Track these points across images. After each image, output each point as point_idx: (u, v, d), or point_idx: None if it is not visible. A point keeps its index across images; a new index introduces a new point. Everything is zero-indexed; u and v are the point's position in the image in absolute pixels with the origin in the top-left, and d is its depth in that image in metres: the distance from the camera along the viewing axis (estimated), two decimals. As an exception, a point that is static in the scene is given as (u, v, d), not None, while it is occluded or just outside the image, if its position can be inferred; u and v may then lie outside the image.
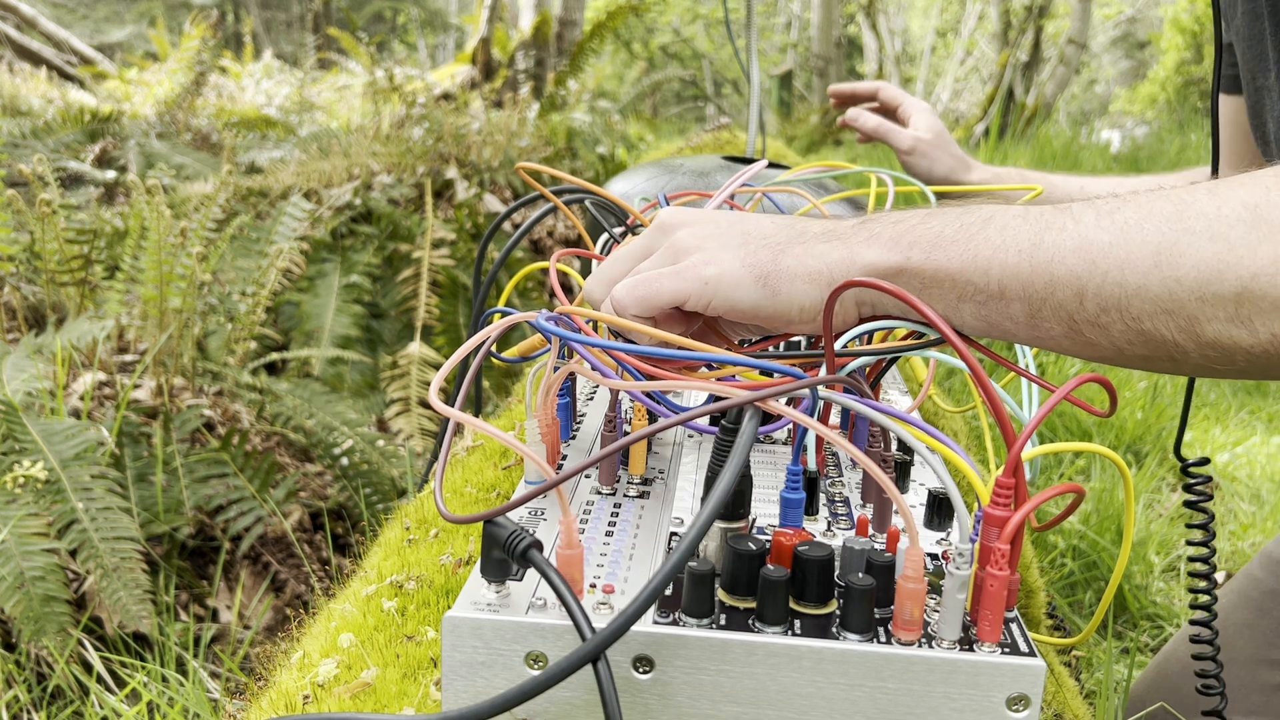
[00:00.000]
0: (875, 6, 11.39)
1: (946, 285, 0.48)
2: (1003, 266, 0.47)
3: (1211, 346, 0.45)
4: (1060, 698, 0.74)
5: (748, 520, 0.46)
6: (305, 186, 2.68)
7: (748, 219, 0.54)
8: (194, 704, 1.09)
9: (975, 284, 0.47)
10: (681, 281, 0.50)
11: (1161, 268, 0.44)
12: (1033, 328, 0.48)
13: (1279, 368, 0.45)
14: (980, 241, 0.47)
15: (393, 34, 12.77)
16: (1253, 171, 0.46)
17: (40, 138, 2.94)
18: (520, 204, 0.89)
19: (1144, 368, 0.48)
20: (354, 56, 4.88)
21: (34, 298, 1.94)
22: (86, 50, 5.29)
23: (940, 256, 0.48)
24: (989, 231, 0.48)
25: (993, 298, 0.47)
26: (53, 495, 1.30)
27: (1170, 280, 0.44)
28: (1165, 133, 6.27)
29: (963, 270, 0.47)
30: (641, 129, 5.63)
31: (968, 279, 0.47)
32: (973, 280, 0.47)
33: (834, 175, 0.93)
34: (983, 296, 0.47)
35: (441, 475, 0.47)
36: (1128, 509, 0.47)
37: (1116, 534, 1.68)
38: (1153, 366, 0.48)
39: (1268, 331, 0.43)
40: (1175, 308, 0.44)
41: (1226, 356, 0.45)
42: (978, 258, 0.47)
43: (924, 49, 14.82)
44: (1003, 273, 0.47)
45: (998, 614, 0.39)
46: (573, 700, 0.39)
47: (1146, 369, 0.48)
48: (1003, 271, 0.47)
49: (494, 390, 2.28)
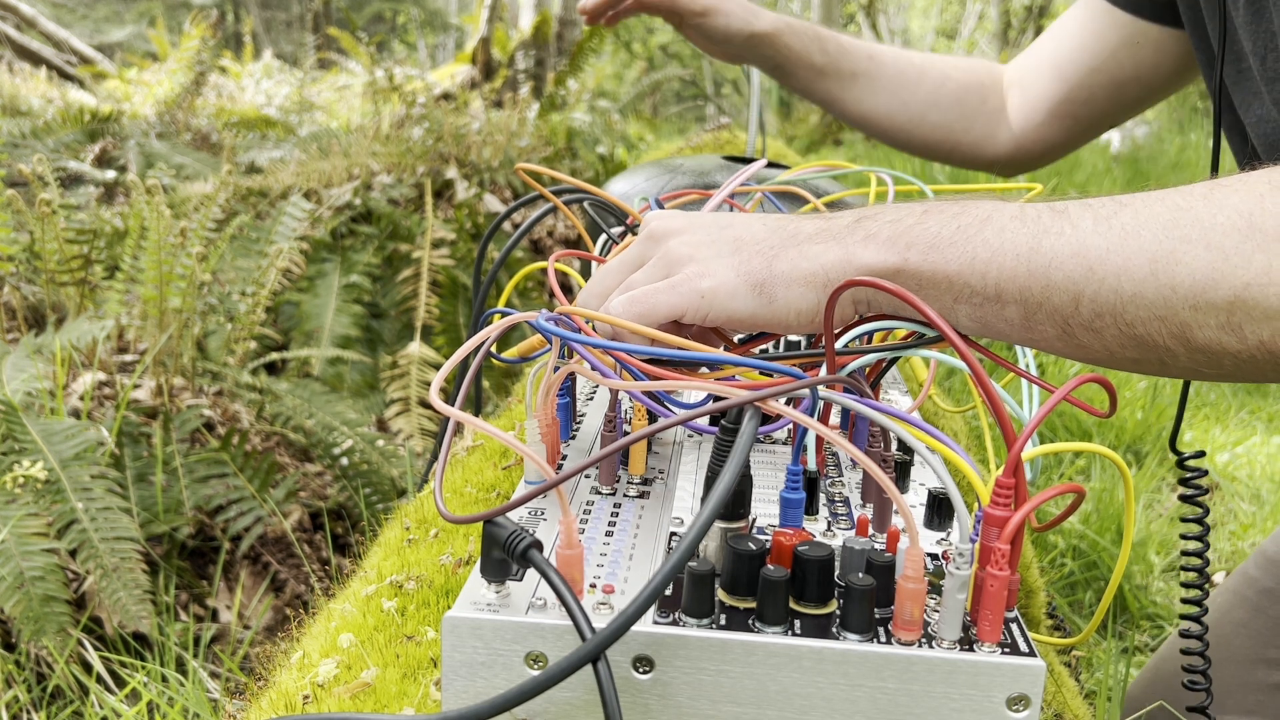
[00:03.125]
0: (875, 6, 11.39)
1: (943, 286, 0.48)
2: (1000, 270, 0.47)
3: (1201, 351, 0.45)
4: (1060, 698, 0.74)
5: (748, 520, 0.46)
6: (305, 186, 2.68)
7: (738, 222, 0.54)
8: (194, 704, 1.09)
9: (972, 286, 0.47)
10: (677, 296, 0.50)
11: (1157, 275, 0.44)
12: (1027, 330, 0.48)
13: (1264, 372, 0.46)
14: (978, 244, 0.47)
15: (393, 34, 12.77)
16: (1246, 175, 0.46)
17: (40, 138, 2.94)
18: (520, 204, 0.89)
19: (1133, 369, 0.49)
20: (354, 56, 4.88)
21: (34, 298, 1.94)
22: (86, 50, 5.28)
23: (937, 258, 0.48)
24: (987, 233, 0.48)
25: (989, 300, 0.47)
26: (52, 495, 1.30)
27: (1165, 288, 0.44)
28: (1165, 133, 6.27)
29: (960, 273, 0.47)
30: (641, 129, 5.63)
31: (964, 281, 0.47)
32: (969, 283, 0.47)
33: (834, 175, 0.93)
34: (979, 299, 0.48)
35: (441, 475, 0.47)
36: (1128, 509, 0.47)
37: (1116, 534, 1.68)
38: (1142, 369, 0.48)
39: (1256, 338, 0.44)
40: (1169, 314, 0.45)
41: (1214, 361, 0.46)
42: (975, 260, 0.47)
43: (924, 49, 14.81)
44: (1000, 276, 0.47)
45: (998, 614, 0.39)
46: (573, 700, 0.39)
47: (1136, 370, 0.49)
48: (1000, 275, 0.47)
49: (494, 390, 2.28)
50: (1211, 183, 0.47)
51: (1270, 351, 0.44)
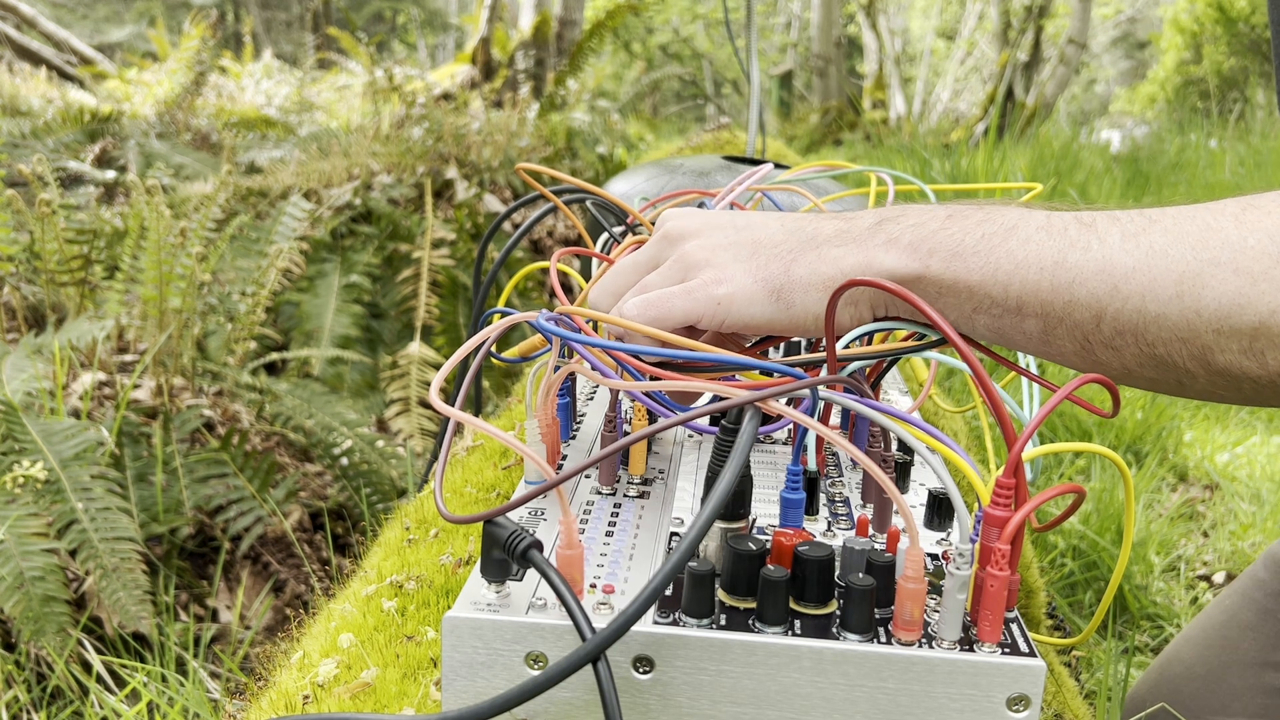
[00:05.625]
0: (875, 6, 11.39)
1: (964, 296, 0.47)
2: (1023, 283, 0.46)
3: (1221, 374, 0.45)
4: (1060, 698, 0.74)
5: (748, 520, 0.46)
6: (305, 186, 2.68)
7: (756, 224, 0.53)
8: (194, 704, 1.09)
9: (993, 297, 0.47)
10: (693, 303, 0.50)
11: (1183, 297, 0.44)
12: (1045, 344, 0.47)
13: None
14: (1002, 255, 0.46)
15: (392, 34, 12.77)
16: (1278, 194, 0.46)
17: (40, 138, 2.94)
18: (520, 204, 0.89)
19: (1150, 388, 0.48)
20: (354, 56, 4.88)
21: (34, 298, 1.94)
22: (86, 50, 5.29)
23: (960, 267, 0.47)
24: (1011, 244, 0.47)
25: (1009, 312, 0.47)
26: (52, 495, 1.30)
27: (1190, 311, 0.44)
28: (1165, 133, 6.27)
29: (982, 283, 0.47)
30: (641, 129, 5.63)
31: (985, 292, 0.47)
32: (990, 294, 0.47)
33: (834, 175, 0.93)
34: (999, 310, 0.47)
35: (441, 475, 0.47)
36: (1128, 509, 0.47)
37: (1116, 534, 1.68)
38: (1159, 388, 0.48)
39: (1277, 365, 0.43)
40: (1191, 337, 0.44)
41: (1234, 384, 0.45)
42: (998, 271, 0.46)
43: (924, 49, 14.82)
44: (1022, 289, 0.46)
45: (998, 614, 0.39)
46: (573, 700, 0.39)
47: (1152, 389, 0.48)
48: (1023, 288, 0.46)
49: (494, 390, 2.28)
50: (1245, 201, 0.46)
51: None
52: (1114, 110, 16.48)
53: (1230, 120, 7.07)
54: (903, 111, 10.48)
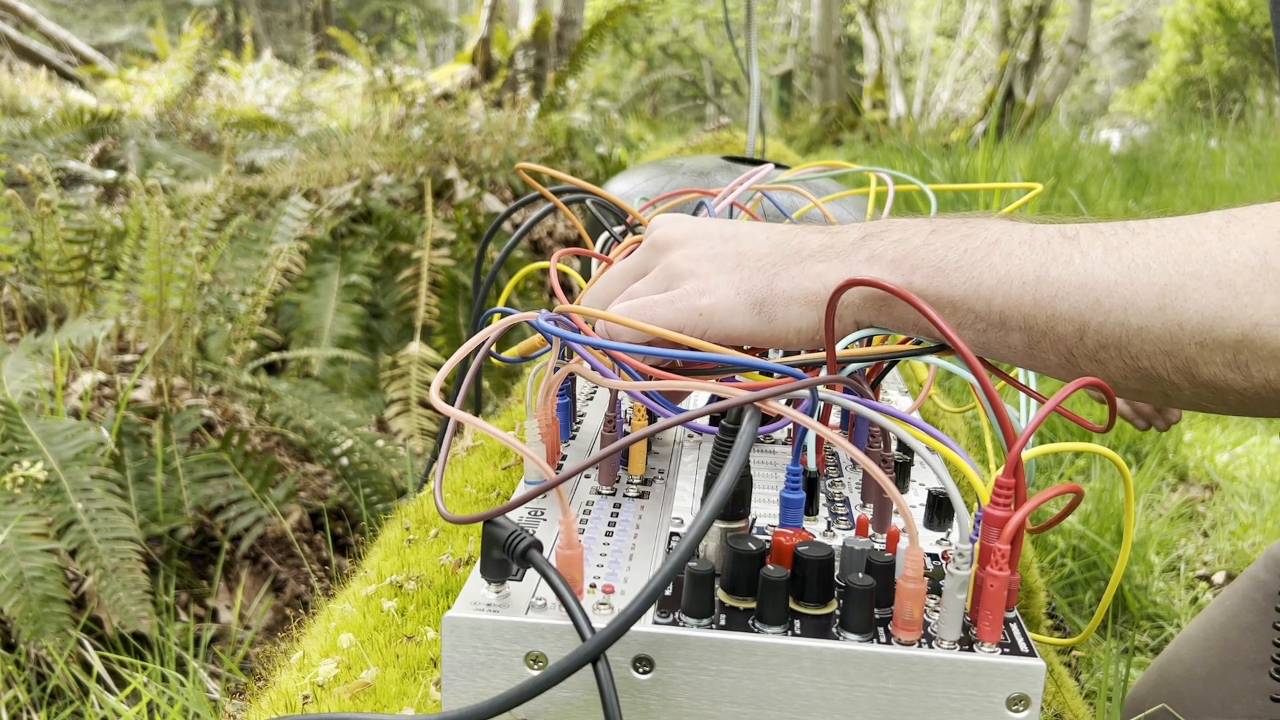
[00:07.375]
0: (875, 6, 11.39)
1: (947, 311, 0.47)
2: (1005, 298, 0.46)
3: (1206, 386, 0.45)
4: (1060, 698, 0.74)
5: (748, 520, 0.46)
6: (305, 186, 2.68)
7: (742, 235, 0.53)
8: (194, 704, 1.09)
9: (976, 312, 0.47)
10: (675, 313, 0.50)
11: (1165, 311, 0.44)
12: (1030, 357, 0.47)
13: (1269, 408, 0.45)
14: (984, 269, 0.47)
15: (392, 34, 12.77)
16: (1266, 207, 0.46)
17: (40, 138, 2.94)
18: (520, 204, 0.89)
19: (1137, 399, 0.48)
20: (354, 56, 4.88)
21: (34, 298, 1.94)
22: (86, 50, 5.29)
23: (943, 282, 0.47)
24: (994, 259, 0.47)
25: (992, 326, 0.47)
26: (52, 496, 1.30)
27: (1173, 324, 0.44)
28: (1165, 133, 6.27)
29: (965, 299, 0.47)
30: (641, 129, 5.63)
31: (969, 307, 0.47)
32: (974, 309, 0.47)
33: (834, 175, 0.93)
34: (982, 325, 0.47)
35: (441, 475, 0.47)
36: (1128, 509, 0.47)
37: (1116, 534, 1.68)
38: (1145, 399, 0.48)
39: (1262, 377, 0.43)
40: (1175, 350, 0.44)
41: (1219, 396, 0.45)
42: (981, 286, 0.46)
43: (924, 49, 14.82)
44: (1005, 304, 0.46)
45: (998, 614, 0.39)
46: (573, 700, 0.39)
47: (1139, 400, 0.48)
48: (1005, 302, 0.46)
49: (494, 390, 2.28)
50: (1229, 214, 0.46)
51: (1275, 390, 0.43)
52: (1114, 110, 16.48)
53: (1230, 120, 7.07)
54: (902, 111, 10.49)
